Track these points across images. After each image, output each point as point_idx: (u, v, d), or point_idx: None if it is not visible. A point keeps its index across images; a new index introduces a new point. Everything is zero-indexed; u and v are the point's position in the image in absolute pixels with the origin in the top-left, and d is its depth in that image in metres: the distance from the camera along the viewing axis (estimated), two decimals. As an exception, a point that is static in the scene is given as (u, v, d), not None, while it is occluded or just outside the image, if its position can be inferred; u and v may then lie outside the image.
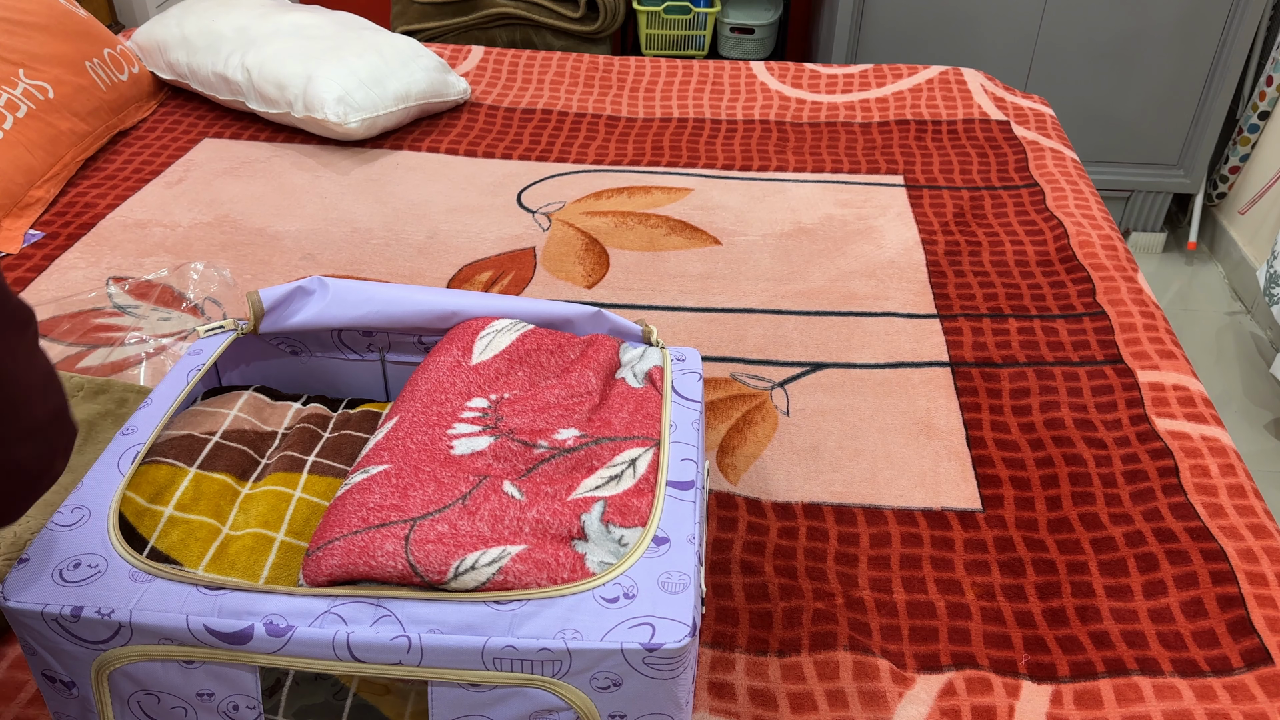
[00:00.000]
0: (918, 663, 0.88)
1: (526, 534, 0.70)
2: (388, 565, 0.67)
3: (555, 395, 0.83)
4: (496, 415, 0.81)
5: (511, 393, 0.84)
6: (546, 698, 0.66)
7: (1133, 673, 0.87)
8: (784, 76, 1.96)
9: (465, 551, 0.68)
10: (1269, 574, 0.94)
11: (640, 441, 0.78)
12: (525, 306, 0.93)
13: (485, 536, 0.69)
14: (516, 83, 1.92)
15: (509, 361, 0.86)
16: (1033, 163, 1.66)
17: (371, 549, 0.68)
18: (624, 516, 0.72)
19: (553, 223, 1.50)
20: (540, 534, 0.70)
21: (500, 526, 0.70)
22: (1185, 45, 2.40)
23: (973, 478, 1.07)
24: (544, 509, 0.71)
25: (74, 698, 0.71)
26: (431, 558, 0.67)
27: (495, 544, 0.69)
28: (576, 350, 0.88)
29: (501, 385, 0.84)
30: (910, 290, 1.36)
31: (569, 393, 0.83)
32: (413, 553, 0.68)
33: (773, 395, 1.17)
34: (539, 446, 0.77)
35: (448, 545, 0.68)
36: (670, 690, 0.67)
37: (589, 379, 0.85)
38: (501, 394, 0.83)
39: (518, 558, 0.68)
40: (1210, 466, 1.06)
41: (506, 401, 0.82)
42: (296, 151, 1.69)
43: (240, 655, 0.67)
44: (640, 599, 0.67)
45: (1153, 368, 1.20)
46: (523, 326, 0.90)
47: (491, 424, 0.80)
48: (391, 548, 0.68)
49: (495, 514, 0.71)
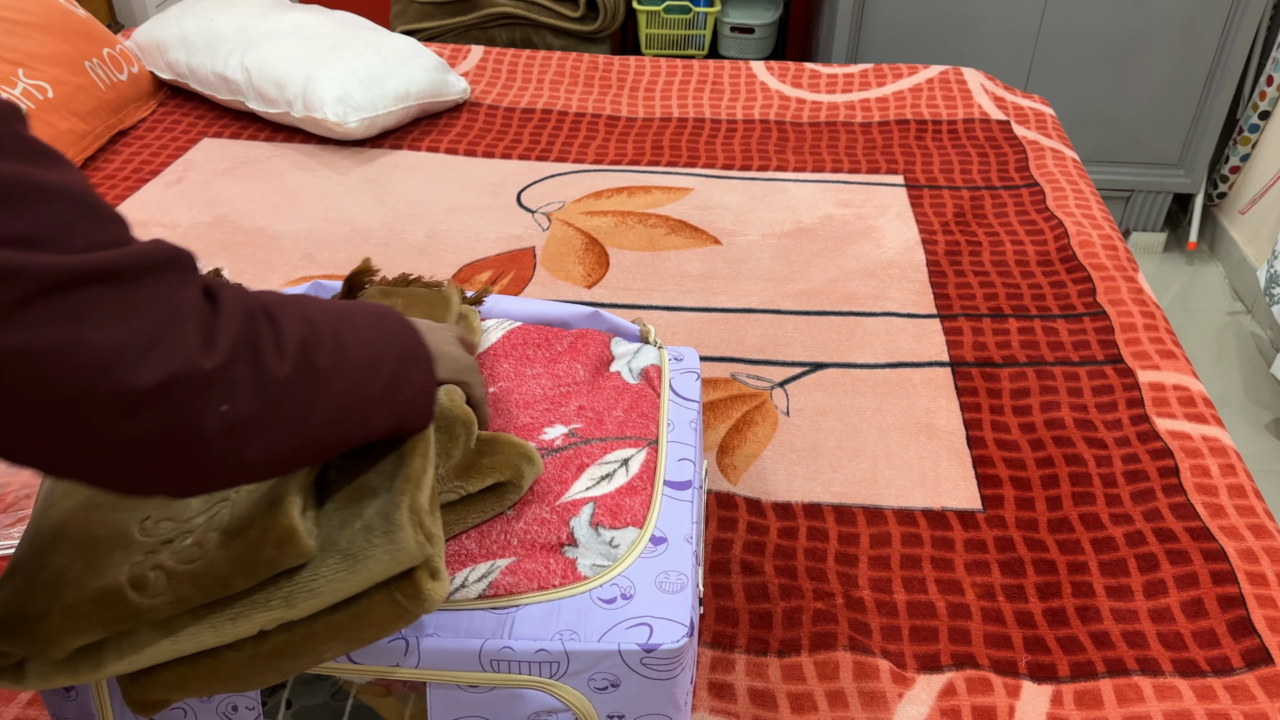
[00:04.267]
0: (918, 663, 0.88)
1: (515, 546, 0.69)
2: None
3: (542, 387, 0.82)
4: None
5: (496, 386, 0.83)
6: (545, 699, 0.66)
7: (1133, 673, 0.87)
8: (784, 76, 1.96)
9: (453, 571, 0.67)
10: (1269, 574, 0.94)
11: (633, 442, 0.77)
12: (521, 307, 0.93)
13: (473, 553, 0.69)
14: (516, 82, 1.92)
15: (494, 356, 0.86)
16: (1033, 162, 1.66)
17: None
18: (614, 517, 0.71)
19: (553, 222, 1.50)
20: (529, 545, 0.69)
21: (487, 541, 0.69)
22: (1185, 45, 2.40)
23: (973, 478, 1.07)
24: (531, 518, 0.71)
25: (73, 700, 0.71)
26: None
27: (483, 559, 0.68)
28: (564, 343, 0.87)
29: (487, 381, 0.84)
30: (910, 290, 1.36)
31: (556, 384, 0.82)
32: None
33: (773, 395, 1.17)
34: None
35: None
36: (668, 690, 0.66)
37: (576, 370, 0.84)
38: (487, 390, 0.83)
39: (507, 570, 0.67)
40: (1210, 466, 1.06)
41: (493, 397, 0.82)
42: (296, 151, 1.69)
43: None
44: (638, 599, 0.67)
45: (1153, 368, 1.20)
46: (509, 324, 0.89)
47: None
48: None
49: (481, 528, 0.71)
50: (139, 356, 0.46)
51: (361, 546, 0.59)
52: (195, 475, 0.50)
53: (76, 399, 0.45)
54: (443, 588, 0.60)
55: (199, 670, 0.60)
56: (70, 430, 0.45)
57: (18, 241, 0.43)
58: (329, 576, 0.58)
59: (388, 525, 0.59)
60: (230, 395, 0.49)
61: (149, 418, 0.47)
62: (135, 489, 0.50)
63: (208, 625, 0.59)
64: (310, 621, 0.60)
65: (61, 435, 0.46)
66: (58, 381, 0.44)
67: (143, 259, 0.47)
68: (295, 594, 0.58)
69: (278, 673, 0.60)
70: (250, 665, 0.60)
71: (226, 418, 0.49)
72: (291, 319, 0.54)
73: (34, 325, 0.43)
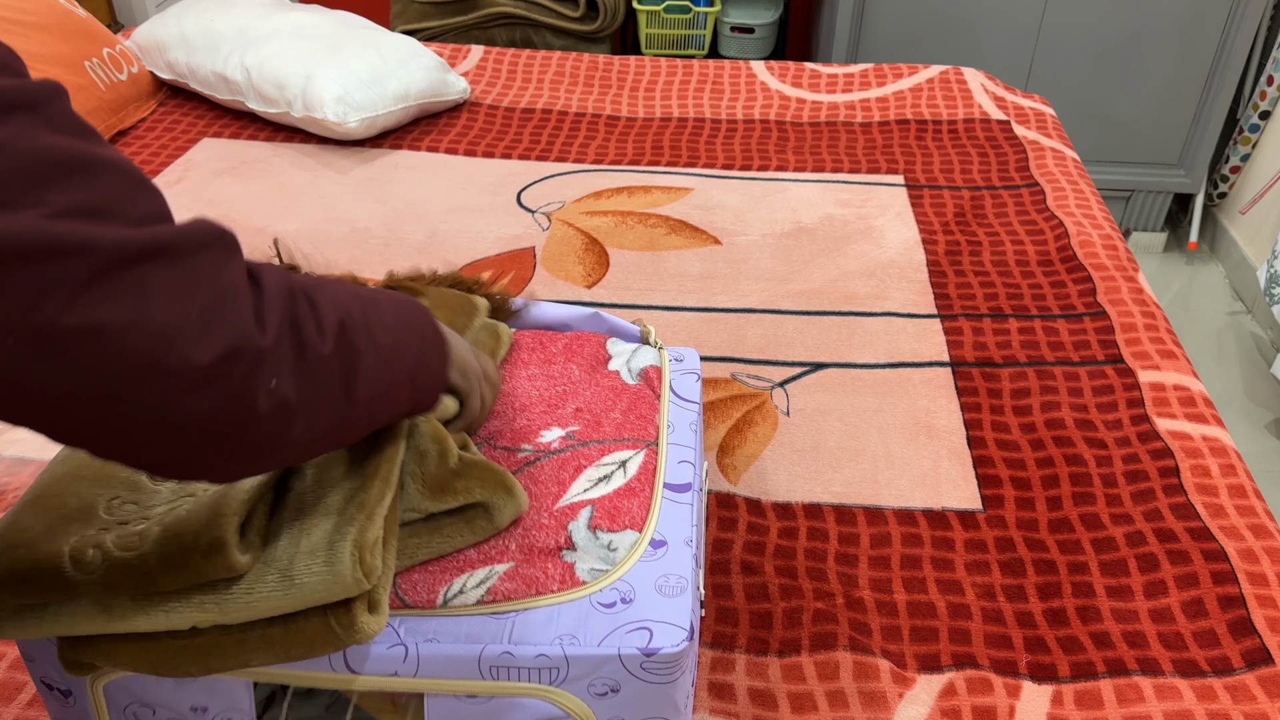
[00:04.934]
0: (918, 663, 0.88)
1: (513, 550, 0.69)
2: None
3: (538, 389, 0.82)
4: None
5: None
6: (545, 707, 0.65)
7: (1133, 673, 0.86)
8: (784, 76, 1.95)
9: (451, 576, 0.67)
10: (1269, 574, 0.94)
11: (631, 444, 0.77)
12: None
13: (471, 559, 0.68)
14: (516, 82, 1.92)
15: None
16: (1033, 162, 1.66)
17: None
18: (613, 520, 0.71)
19: (552, 222, 1.50)
20: (526, 550, 0.69)
21: (485, 546, 0.69)
22: (1186, 45, 2.40)
23: (973, 478, 1.07)
24: (529, 523, 0.70)
25: (71, 706, 0.70)
26: (419, 588, 0.67)
27: (481, 565, 0.68)
28: (559, 344, 0.87)
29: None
30: (910, 290, 1.36)
31: (552, 385, 0.82)
32: (400, 584, 0.67)
33: (773, 395, 1.17)
34: (522, 450, 0.76)
35: (433, 572, 0.67)
36: (669, 694, 0.66)
37: (572, 371, 0.84)
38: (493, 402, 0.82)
39: (505, 576, 0.67)
40: (1211, 466, 1.06)
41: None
42: (296, 151, 1.69)
43: None
44: (637, 603, 0.66)
45: (1153, 368, 1.20)
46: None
47: None
48: None
49: None
50: (198, 333, 0.46)
51: (301, 570, 0.59)
52: (244, 454, 0.51)
53: (140, 376, 0.45)
54: (379, 621, 0.61)
55: (131, 647, 0.62)
56: (130, 408, 0.45)
57: (86, 213, 0.43)
58: (264, 593, 0.59)
59: (330, 555, 0.59)
60: (279, 372, 0.50)
61: (208, 393, 0.47)
62: (182, 470, 0.50)
63: (143, 612, 0.60)
64: (244, 629, 0.61)
65: (120, 413, 0.45)
66: (124, 359, 0.44)
67: (196, 236, 0.48)
68: (229, 603, 0.59)
69: (203, 668, 0.61)
70: (180, 655, 0.61)
71: (275, 395, 0.49)
72: (327, 301, 0.54)
73: (104, 301, 0.43)
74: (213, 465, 0.51)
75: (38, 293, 0.41)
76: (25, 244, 0.41)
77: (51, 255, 0.42)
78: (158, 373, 0.45)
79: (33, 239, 0.41)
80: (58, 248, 0.42)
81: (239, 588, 0.59)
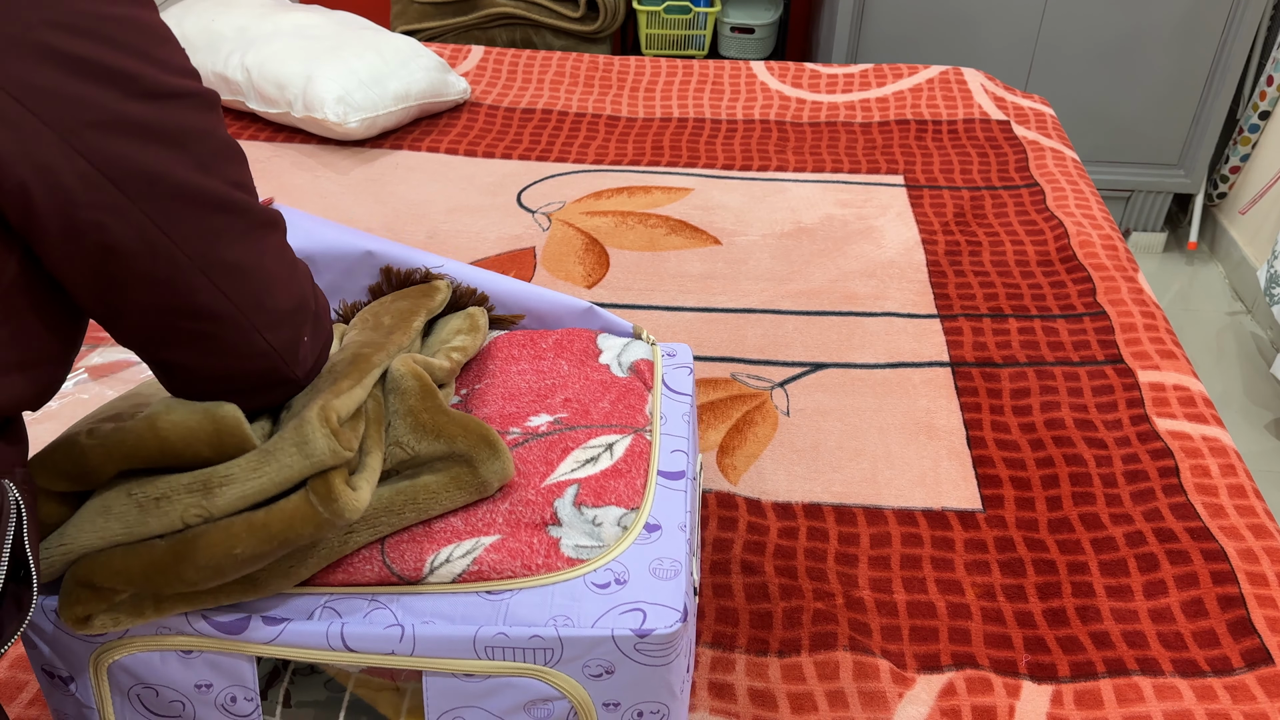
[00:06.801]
0: (918, 663, 0.88)
1: (500, 524, 0.70)
2: (364, 569, 0.68)
3: (527, 381, 0.83)
4: (467, 407, 0.81)
5: (481, 382, 0.84)
6: (540, 687, 0.66)
7: (1133, 673, 0.87)
8: (784, 76, 1.96)
9: (438, 546, 0.69)
10: (1269, 574, 0.94)
11: (619, 429, 0.78)
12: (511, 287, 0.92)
13: (458, 530, 0.70)
14: (516, 82, 1.92)
15: (479, 355, 0.87)
16: (1033, 162, 1.66)
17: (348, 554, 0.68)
18: (597, 497, 0.72)
19: (553, 222, 1.50)
20: (513, 523, 0.70)
21: (473, 519, 0.70)
22: (1185, 45, 2.40)
23: (973, 478, 1.07)
24: (516, 499, 0.72)
25: (71, 695, 0.71)
26: (406, 556, 0.68)
27: (469, 536, 0.69)
28: (549, 341, 0.88)
29: (472, 379, 0.85)
30: (910, 290, 1.36)
31: (541, 378, 0.84)
32: (388, 553, 0.68)
33: (773, 395, 1.17)
34: (510, 434, 0.78)
35: (420, 541, 0.69)
36: (664, 677, 0.67)
37: (561, 365, 0.85)
38: (473, 386, 0.83)
39: (491, 548, 0.68)
40: (1210, 466, 1.06)
41: (477, 393, 0.83)
42: (296, 151, 1.69)
43: (237, 645, 0.67)
44: (631, 585, 0.67)
45: (1153, 368, 1.20)
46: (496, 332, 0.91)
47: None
48: (366, 550, 0.68)
49: (467, 507, 0.71)
50: (284, 286, 0.64)
51: (276, 443, 0.63)
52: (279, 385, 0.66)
53: (253, 305, 0.61)
54: (360, 498, 0.63)
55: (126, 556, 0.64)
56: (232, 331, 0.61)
57: (243, 187, 0.61)
58: (243, 465, 0.63)
59: (298, 423, 0.63)
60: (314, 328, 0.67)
61: (281, 331, 0.63)
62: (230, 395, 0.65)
63: (135, 504, 0.63)
64: (229, 520, 0.63)
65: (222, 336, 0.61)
66: (246, 294, 0.61)
67: (278, 215, 0.65)
68: (211, 479, 0.62)
69: (193, 565, 0.62)
70: (169, 553, 0.62)
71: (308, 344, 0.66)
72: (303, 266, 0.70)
73: (251, 249, 0.61)
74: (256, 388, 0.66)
75: (214, 233, 0.58)
76: (216, 198, 0.58)
77: (229, 209, 0.59)
78: (259, 312, 0.62)
79: (221, 197, 0.59)
80: (232, 206, 0.59)
81: (220, 466, 0.63)
